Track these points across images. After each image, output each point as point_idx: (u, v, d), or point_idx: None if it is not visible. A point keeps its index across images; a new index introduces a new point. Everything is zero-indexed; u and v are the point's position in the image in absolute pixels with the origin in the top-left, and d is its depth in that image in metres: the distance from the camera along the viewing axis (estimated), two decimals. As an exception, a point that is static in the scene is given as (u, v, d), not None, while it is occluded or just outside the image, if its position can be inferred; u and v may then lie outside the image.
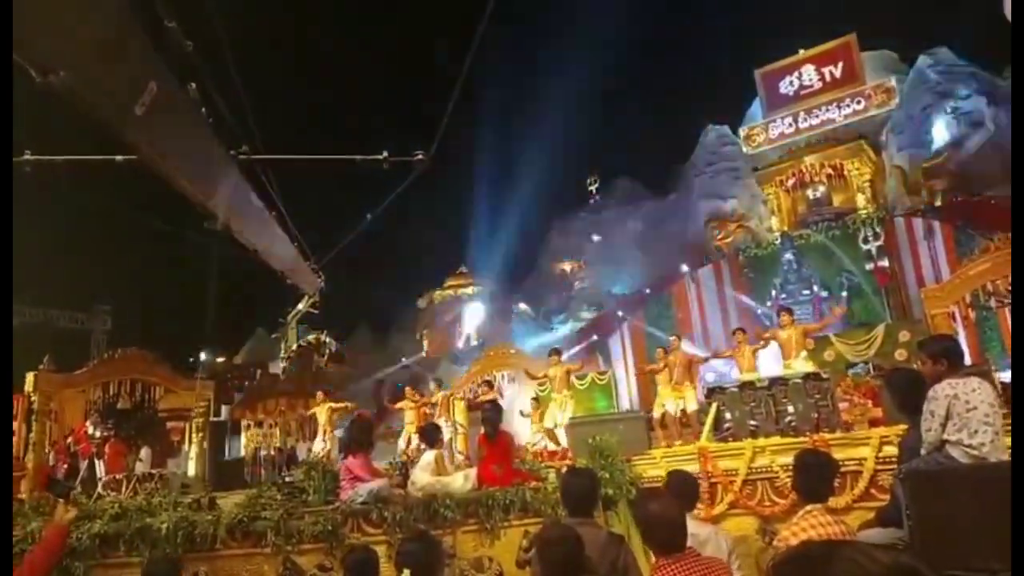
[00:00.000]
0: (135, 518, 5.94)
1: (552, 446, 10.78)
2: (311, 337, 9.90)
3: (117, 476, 11.21)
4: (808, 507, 3.43)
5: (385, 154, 5.57)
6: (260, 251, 5.32)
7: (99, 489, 10.37)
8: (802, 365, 9.48)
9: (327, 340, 9.73)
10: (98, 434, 13.01)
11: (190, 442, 13.92)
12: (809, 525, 3.30)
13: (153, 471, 11.69)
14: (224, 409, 17.21)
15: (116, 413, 13.83)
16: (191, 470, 13.03)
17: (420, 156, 5.64)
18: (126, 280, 29.98)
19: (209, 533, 5.77)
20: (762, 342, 10.48)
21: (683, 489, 4.11)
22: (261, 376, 23.44)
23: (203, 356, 23.34)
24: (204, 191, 3.95)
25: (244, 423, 16.99)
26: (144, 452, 13.32)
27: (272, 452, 16.24)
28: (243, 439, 16.89)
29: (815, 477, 3.58)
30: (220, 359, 27.25)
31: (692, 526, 3.80)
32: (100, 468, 12.40)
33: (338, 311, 33.47)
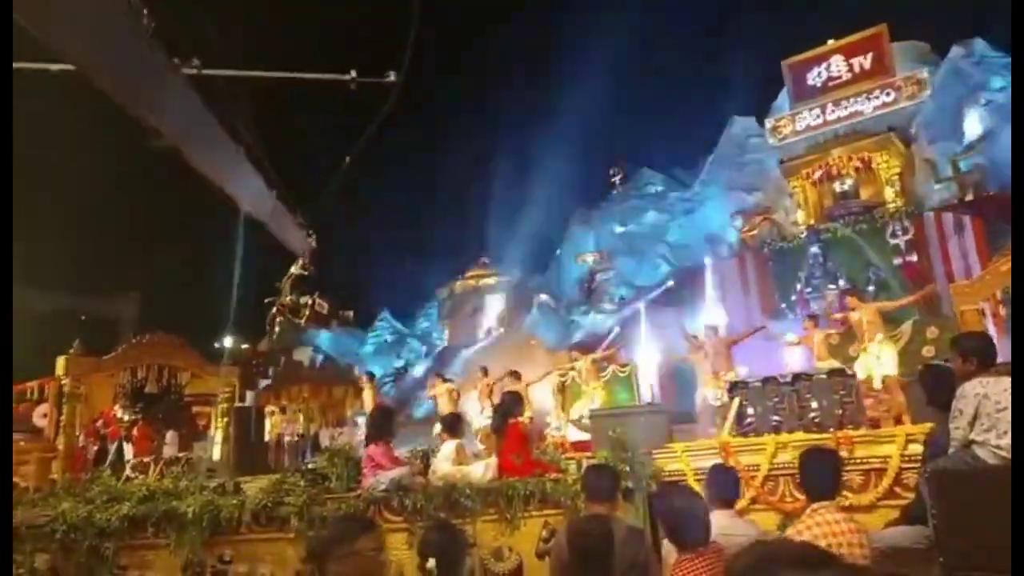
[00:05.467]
0: (162, 501, 6.08)
1: (578, 436, 10.79)
2: (287, 299, 9.42)
3: (145, 459, 11.47)
4: (815, 505, 3.40)
5: (353, 74, 5.15)
6: (228, 191, 4.86)
7: (127, 471, 10.59)
8: (878, 349, 9.09)
9: (313, 301, 9.26)
10: (126, 417, 13.29)
11: (215, 427, 14.17)
12: (815, 523, 3.28)
13: (180, 455, 11.94)
14: (249, 395, 17.46)
15: (144, 397, 14.11)
16: (216, 454, 13.26)
17: (392, 78, 5.13)
18: (155, 266, 30.44)
19: (234, 517, 5.88)
20: (832, 331, 10.38)
21: (725, 483, 4.06)
22: (285, 363, 23.76)
23: (228, 342, 23.66)
24: (144, 105, 3.63)
25: (268, 409, 17.22)
26: (170, 436, 13.59)
27: (296, 438, 16.46)
28: (267, 425, 17.12)
29: (820, 475, 3.54)
30: (245, 346, 27.62)
31: (731, 523, 3.77)
32: (128, 451, 12.67)
33: (363, 301, 33.81)
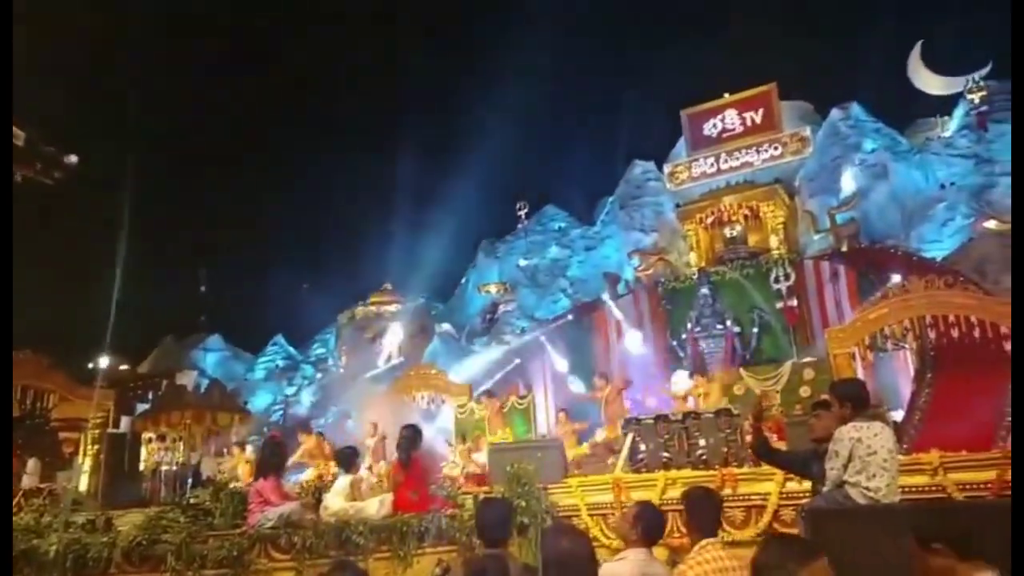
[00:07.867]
0: (20, 539, 5.55)
1: (474, 469, 10.69)
2: None
3: (0, 490, 10.43)
4: (703, 542, 3.52)
5: None
6: None
7: (-22, 504, 9.62)
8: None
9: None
10: (-19, 443, 12.06)
11: (84, 455, 13.12)
12: (704, 560, 3.40)
13: (42, 485, 10.96)
14: (124, 420, 16.30)
15: (3, 421, 12.89)
16: (83, 485, 12.27)
17: None
18: (24, 276, 28.16)
19: (103, 557, 5.46)
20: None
21: (652, 523, 3.95)
22: (167, 386, 22.42)
23: (104, 363, 22.12)
24: None
25: (145, 436, 16.17)
26: (31, 464, 12.45)
27: (175, 467, 15.49)
28: (143, 453, 16.05)
29: (706, 512, 3.67)
30: (124, 367, 25.91)
31: (649, 561, 3.75)
32: (-19, 481, 11.51)
33: (255, 323, 32.52)
